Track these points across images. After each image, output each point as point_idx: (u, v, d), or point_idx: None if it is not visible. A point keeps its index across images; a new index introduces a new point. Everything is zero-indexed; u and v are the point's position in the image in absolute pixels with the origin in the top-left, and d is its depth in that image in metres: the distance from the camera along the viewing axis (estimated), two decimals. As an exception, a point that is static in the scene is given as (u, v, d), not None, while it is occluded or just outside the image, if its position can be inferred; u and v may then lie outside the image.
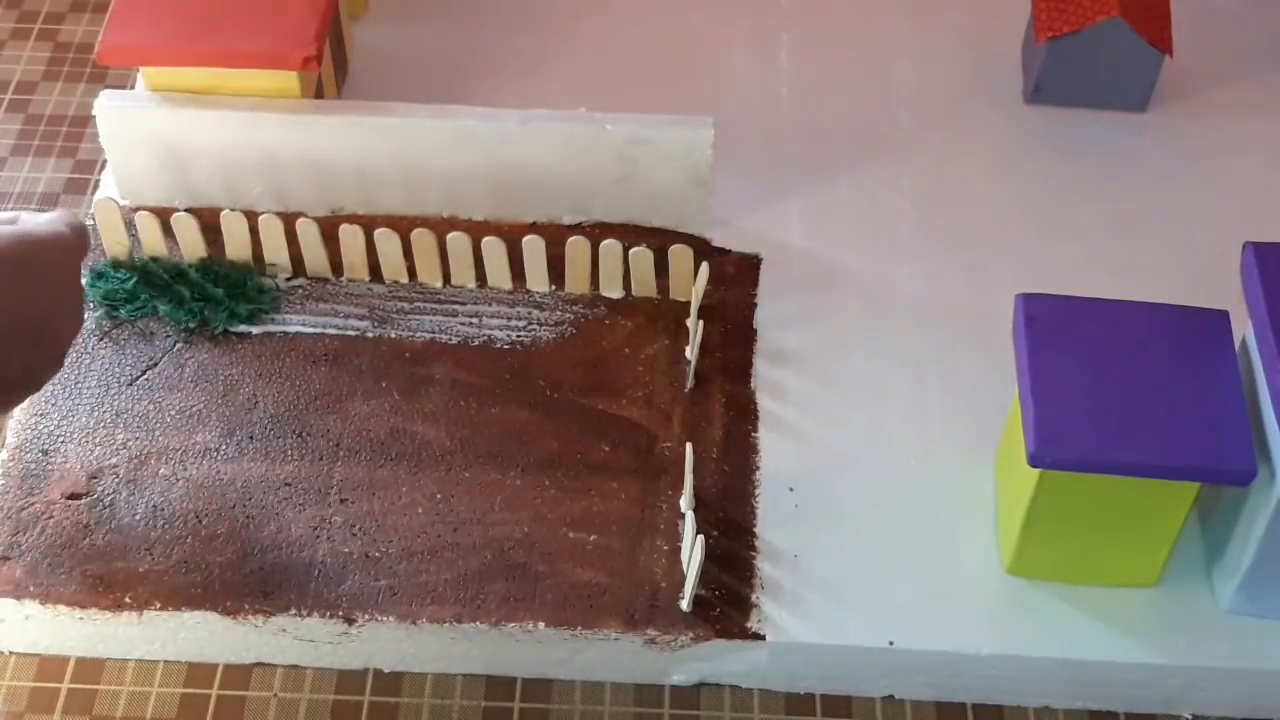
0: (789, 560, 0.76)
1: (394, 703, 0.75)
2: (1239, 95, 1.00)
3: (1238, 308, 0.73)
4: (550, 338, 0.85)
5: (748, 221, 0.91)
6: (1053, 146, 0.97)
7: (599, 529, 0.77)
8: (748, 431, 0.81)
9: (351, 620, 0.73)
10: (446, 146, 0.88)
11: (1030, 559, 0.75)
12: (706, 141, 0.87)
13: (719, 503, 0.78)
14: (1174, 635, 0.74)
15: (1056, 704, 0.75)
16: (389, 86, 0.95)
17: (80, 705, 0.74)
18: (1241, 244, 0.73)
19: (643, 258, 0.85)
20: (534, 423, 0.81)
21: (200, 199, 0.91)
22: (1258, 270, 0.71)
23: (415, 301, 0.87)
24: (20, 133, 1.02)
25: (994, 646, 0.73)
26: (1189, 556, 0.76)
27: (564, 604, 0.74)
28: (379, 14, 1.03)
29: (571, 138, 0.87)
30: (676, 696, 0.75)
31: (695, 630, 0.73)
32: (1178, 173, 0.95)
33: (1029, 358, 0.71)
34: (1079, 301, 0.73)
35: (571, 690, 0.75)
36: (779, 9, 1.05)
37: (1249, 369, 0.72)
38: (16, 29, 1.09)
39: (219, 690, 0.75)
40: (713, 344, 0.85)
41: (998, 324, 0.77)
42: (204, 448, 0.79)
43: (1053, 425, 0.69)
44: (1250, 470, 0.68)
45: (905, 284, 0.89)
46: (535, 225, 0.90)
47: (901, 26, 1.04)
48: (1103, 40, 0.93)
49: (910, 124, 0.98)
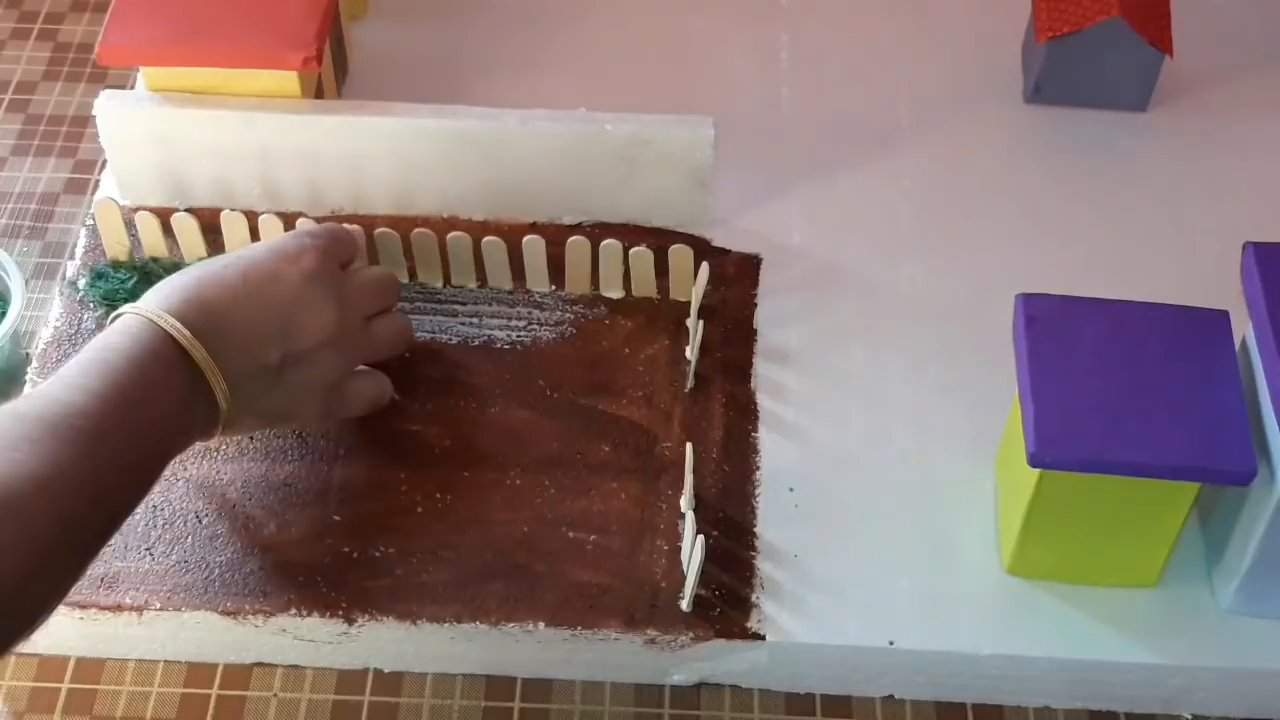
0: (789, 560, 0.76)
1: (394, 703, 0.75)
2: (1239, 95, 1.00)
3: (1238, 308, 0.73)
4: (550, 338, 0.85)
5: (748, 221, 0.91)
6: (1053, 146, 0.97)
7: (599, 529, 0.77)
8: (748, 431, 0.81)
9: (351, 620, 0.73)
10: (446, 146, 0.88)
11: (1030, 559, 0.75)
12: (706, 141, 0.87)
13: (719, 503, 0.78)
14: (1174, 635, 0.74)
15: (1056, 704, 0.75)
16: (389, 86, 0.95)
17: (80, 705, 0.74)
18: (1241, 244, 0.73)
19: (643, 258, 0.85)
20: (534, 423, 0.81)
21: (200, 199, 0.91)
22: (1258, 270, 0.71)
23: (415, 301, 0.87)
24: (20, 133, 1.02)
25: (994, 646, 0.73)
26: (1189, 556, 0.76)
27: (564, 604, 0.74)
28: (379, 14, 1.03)
29: (571, 138, 0.87)
30: (676, 696, 0.75)
31: (695, 630, 0.73)
32: (1178, 173, 0.95)
33: (1029, 358, 0.71)
34: (1079, 301, 0.73)
35: (571, 690, 0.75)
36: (779, 9, 1.05)
37: (1249, 369, 0.72)
38: (16, 29, 1.09)
39: (219, 690, 0.75)
40: (713, 344, 0.85)
41: (998, 324, 0.77)
42: (204, 448, 0.79)
43: (1053, 425, 0.69)
44: (1250, 470, 0.68)
45: (905, 284, 0.89)
46: (535, 225, 0.90)
47: (901, 26, 1.04)
48: (1103, 40, 0.93)
49: (910, 124, 0.98)
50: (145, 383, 0.66)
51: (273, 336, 0.72)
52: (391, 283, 0.81)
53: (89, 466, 0.62)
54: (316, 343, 0.73)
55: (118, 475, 0.64)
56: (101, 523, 0.64)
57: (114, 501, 0.65)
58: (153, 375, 0.67)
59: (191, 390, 0.69)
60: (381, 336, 0.79)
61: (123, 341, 0.67)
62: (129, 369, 0.66)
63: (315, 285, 0.73)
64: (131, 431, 0.65)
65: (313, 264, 0.74)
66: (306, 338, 0.73)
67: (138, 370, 0.66)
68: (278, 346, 0.72)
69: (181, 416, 0.69)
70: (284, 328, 0.72)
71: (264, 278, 0.72)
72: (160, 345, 0.68)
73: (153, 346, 0.67)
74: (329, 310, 0.74)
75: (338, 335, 0.74)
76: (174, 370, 0.68)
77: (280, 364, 0.72)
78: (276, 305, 0.72)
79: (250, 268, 0.72)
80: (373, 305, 0.78)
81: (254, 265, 0.73)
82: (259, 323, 0.71)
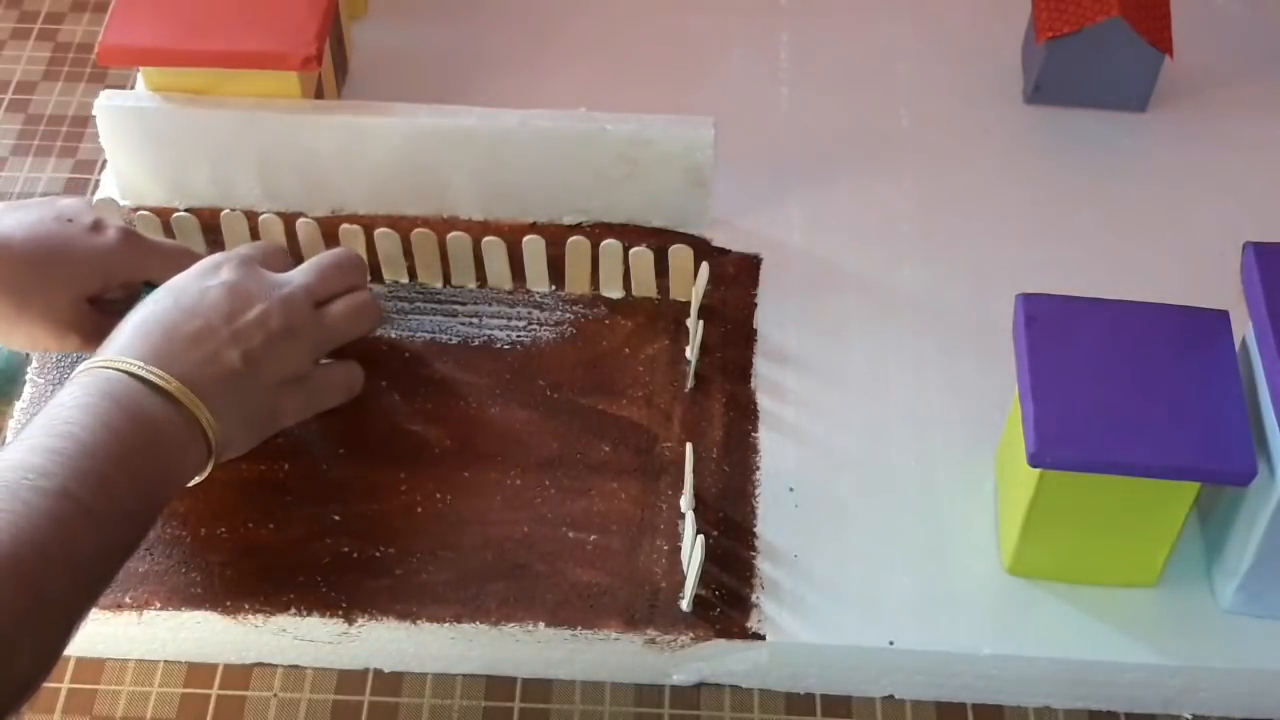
0: (789, 560, 0.76)
1: (394, 703, 0.75)
2: (1239, 95, 1.00)
3: (1238, 308, 0.73)
4: (550, 338, 0.85)
5: (748, 221, 0.91)
6: (1053, 146, 0.97)
7: (599, 529, 0.77)
8: (748, 431, 0.81)
9: (351, 620, 0.73)
10: (446, 146, 0.88)
11: (1030, 559, 0.75)
12: (706, 141, 0.87)
13: (719, 503, 0.78)
14: (1174, 635, 0.74)
15: (1056, 704, 0.75)
16: (389, 86, 0.95)
17: (80, 705, 0.74)
18: (1241, 244, 0.73)
19: (643, 258, 0.85)
20: (534, 423, 0.81)
21: (200, 199, 0.91)
22: (1258, 270, 0.71)
23: (415, 301, 0.87)
24: (20, 133, 1.02)
25: (994, 646, 0.73)
26: (1189, 556, 0.76)
27: (564, 604, 0.74)
28: (379, 14, 1.03)
29: (571, 138, 0.87)
30: (676, 696, 0.75)
31: (695, 630, 0.73)
32: (1178, 173, 0.95)
33: (1029, 358, 0.71)
34: (1079, 301, 0.73)
35: (571, 690, 0.75)
36: (779, 9, 1.05)
37: (1249, 369, 0.72)
38: (16, 29, 1.09)
39: (219, 690, 0.75)
40: (713, 344, 0.85)
41: (998, 324, 0.77)
42: (204, 448, 0.79)
43: (1053, 425, 0.69)
44: (1250, 470, 0.68)
45: (905, 284, 0.89)
46: (535, 225, 0.90)
47: (901, 26, 1.04)
48: (1103, 40, 0.93)
49: (910, 124, 0.98)
50: (108, 430, 0.64)
51: (224, 340, 0.71)
52: (349, 261, 0.79)
53: (53, 527, 0.60)
54: (266, 336, 0.72)
55: (94, 530, 0.62)
56: (81, 580, 0.62)
57: (95, 558, 0.62)
58: (110, 417, 0.65)
59: (164, 419, 0.67)
60: (340, 316, 0.77)
61: (73, 393, 0.65)
62: (84, 419, 0.64)
63: (242, 285, 0.73)
64: (102, 481, 0.63)
65: (232, 270, 0.74)
66: (256, 333, 0.72)
67: (93, 417, 0.64)
68: (233, 348, 0.71)
69: (157, 450, 0.66)
70: (230, 329, 0.71)
71: (192, 295, 0.72)
72: (111, 385, 0.66)
73: (106, 389, 0.66)
74: (267, 303, 0.73)
75: (285, 325, 0.73)
76: (136, 404, 0.66)
77: (244, 364, 0.71)
78: (213, 312, 0.71)
79: (178, 293, 0.72)
80: (324, 288, 0.77)
81: (181, 289, 0.72)
82: (205, 331, 0.70)
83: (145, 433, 0.66)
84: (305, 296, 0.75)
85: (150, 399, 0.67)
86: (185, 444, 0.68)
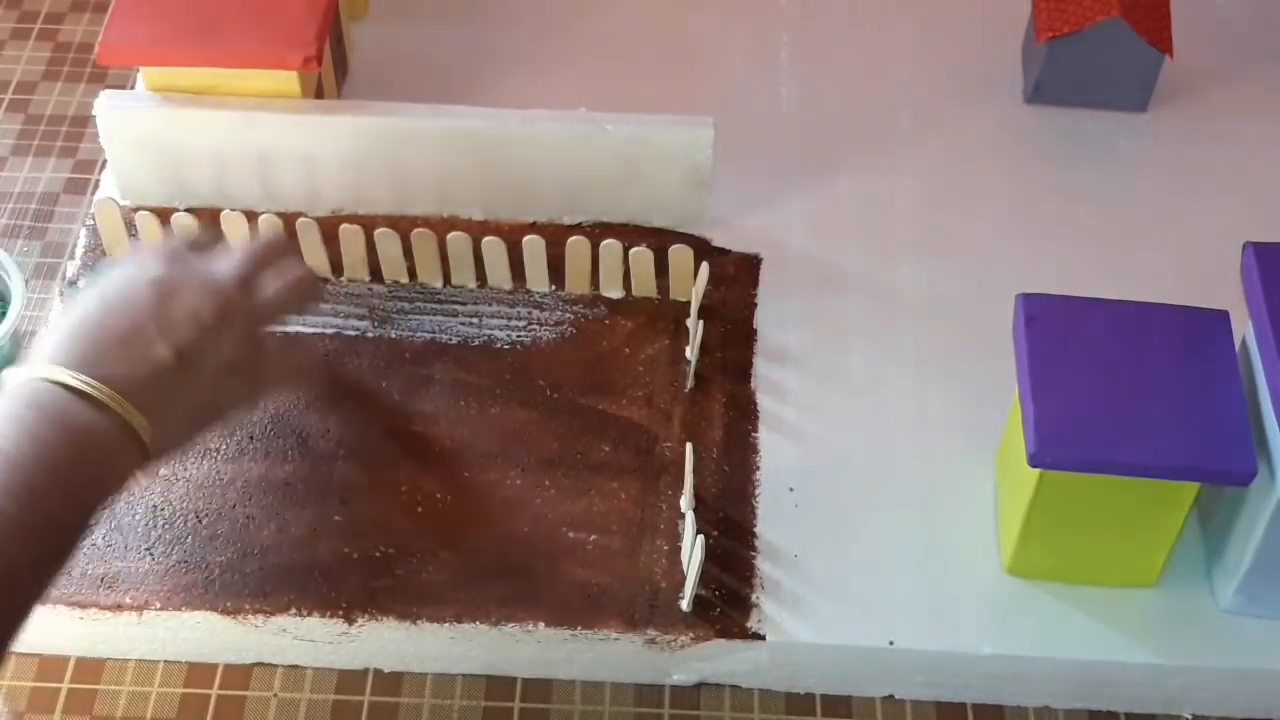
0: (789, 560, 0.76)
1: (394, 703, 0.75)
2: (1239, 95, 1.00)
3: (1238, 308, 0.73)
4: (550, 338, 0.85)
5: (748, 221, 0.91)
6: (1053, 146, 0.97)
7: (599, 529, 0.77)
8: (748, 431, 0.81)
9: (351, 620, 0.73)
10: (447, 146, 0.88)
11: (1030, 559, 0.75)
12: (706, 141, 0.87)
13: (719, 503, 0.78)
14: (1174, 635, 0.74)
15: (1056, 704, 0.75)
16: (389, 86, 0.95)
17: (80, 705, 0.74)
18: (1241, 244, 0.74)
19: (643, 258, 0.85)
20: (534, 423, 0.81)
21: (200, 199, 0.91)
22: (1258, 270, 0.71)
23: (415, 301, 0.87)
24: (20, 133, 1.02)
25: (994, 646, 0.73)
26: (1189, 556, 0.76)
27: (564, 604, 0.74)
28: (379, 14, 1.03)
29: (571, 138, 0.87)
30: (676, 696, 0.75)
31: (695, 630, 0.73)
32: (1178, 173, 0.95)
33: (1029, 358, 0.71)
34: (1079, 301, 0.73)
35: (571, 690, 0.75)
36: (779, 9, 1.05)
37: (1249, 369, 0.72)
38: (16, 29, 1.09)
39: (219, 690, 0.75)
40: (713, 344, 0.85)
41: (998, 324, 0.77)
42: (204, 447, 0.79)
43: (1053, 425, 0.69)
44: (1250, 470, 0.68)
45: (905, 284, 0.89)
46: (535, 225, 0.90)
47: (902, 26, 1.04)
48: (1103, 40, 0.93)
49: (911, 124, 0.98)
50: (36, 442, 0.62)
51: (153, 337, 0.68)
52: (278, 240, 0.77)
53: None
54: (198, 328, 0.70)
55: (24, 543, 0.61)
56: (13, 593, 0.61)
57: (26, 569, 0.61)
58: (38, 429, 0.63)
59: (94, 427, 0.65)
60: (275, 297, 0.74)
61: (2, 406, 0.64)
62: (11, 432, 0.62)
63: (170, 278, 0.71)
64: (31, 494, 0.61)
65: (155, 262, 0.71)
66: (186, 326, 0.69)
67: (19, 430, 0.62)
68: (164, 344, 0.68)
69: (88, 459, 0.64)
70: (159, 325, 0.69)
71: (119, 294, 0.70)
72: (39, 395, 0.64)
73: (34, 399, 0.64)
74: (196, 295, 0.70)
75: (216, 314, 0.70)
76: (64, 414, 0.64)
77: (177, 359, 0.68)
78: (141, 310, 0.69)
79: (104, 289, 0.70)
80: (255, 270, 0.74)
81: (107, 285, 0.70)
82: (133, 330, 0.68)
83: (75, 442, 0.64)
84: (235, 282, 0.72)
85: (79, 407, 0.65)
86: (118, 450, 0.66)
